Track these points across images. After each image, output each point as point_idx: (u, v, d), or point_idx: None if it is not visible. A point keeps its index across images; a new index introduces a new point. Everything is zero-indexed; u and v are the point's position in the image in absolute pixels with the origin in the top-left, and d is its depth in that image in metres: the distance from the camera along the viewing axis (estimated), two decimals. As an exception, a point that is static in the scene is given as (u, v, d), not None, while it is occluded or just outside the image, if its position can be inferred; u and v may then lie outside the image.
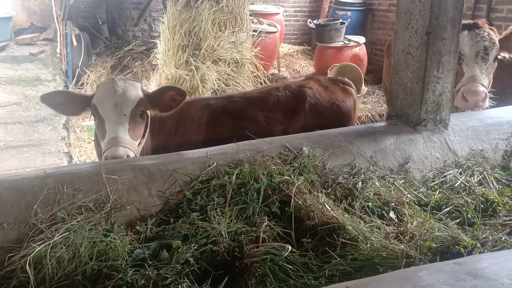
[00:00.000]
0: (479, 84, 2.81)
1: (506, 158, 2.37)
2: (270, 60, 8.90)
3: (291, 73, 9.47)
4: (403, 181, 2.11)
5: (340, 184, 1.97)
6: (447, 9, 2.21)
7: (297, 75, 9.27)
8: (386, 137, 2.30)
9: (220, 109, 2.69)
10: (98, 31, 10.70)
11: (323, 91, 2.81)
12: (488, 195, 1.95)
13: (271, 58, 8.81)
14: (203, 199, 1.74)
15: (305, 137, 2.22)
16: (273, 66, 9.13)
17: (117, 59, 9.24)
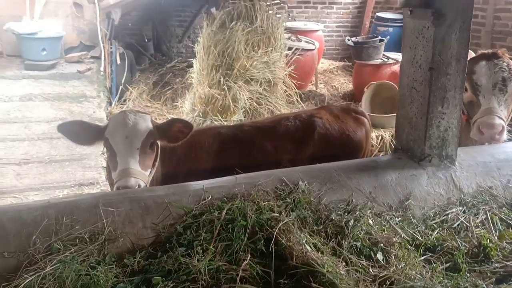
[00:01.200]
0: (496, 116, 2.73)
1: (515, 196, 2.29)
2: (308, 77, 8.93)
3: (329, 90, 9.46)
4: (401, 219, 2.09)
5: (333, 221, 1.98)
6: (451, 45, 2.18)
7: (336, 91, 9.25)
8: (387, 172, 2.28)
9: (230, 137, 2.77)
10: (143, 48, 11.13)
11: (333, 121, 2.83)
12: (482, 239, 1.89)
13: (309, 75, 8.84)
14: (191, 234, 1.81)
15: (303, 171, 2.25)
16: (311, 83, 9.15)
17: (159, 75, 9.58)
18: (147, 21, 11.60)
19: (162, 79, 9.32)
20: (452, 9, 2.14)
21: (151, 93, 8.87)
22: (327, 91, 9.18)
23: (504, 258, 1.83)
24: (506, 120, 2.83)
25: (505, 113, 2.85)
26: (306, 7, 12.15)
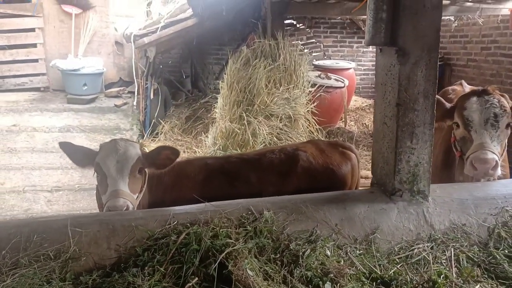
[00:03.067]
0: (489, 151, 2.70)
1: (489, 235, 2.24)
2: (337, 114, 8.99)
3: (359, 127, 9.46)
4: (363, 252, 2.10)
5: (290, 251, 2.03)
6: (417, 82, 2.23)
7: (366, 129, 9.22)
8: (357, 205, 2.31)
9: (216, 168, 2.89)
10: (181, 84, 11.62)
11: (318, 155, 2.88)
12: (433, 275, 1.87)
13: (338, 112, 8.91)
14: (148, 256, 1.92)
15: (272, 201, 2.32)
16: (341, 120, 9.18)
17: (192, 110, 9.92)
18: (187, 59, 12.14)
19: (194, 114, 9.63)
20: (417, 47, 2.19)
21: (183, 127, 9.18)
22: (357, 129, 9.18)
23: (453, 294, 1.80)
24: (499, 155, 2.79)
25: (499, 148, 2.81)
26: (342, 46, 12.32)
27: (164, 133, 8.77)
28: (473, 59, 9.11)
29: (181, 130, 9.08)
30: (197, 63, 12.07)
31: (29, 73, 9.26)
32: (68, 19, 9.09)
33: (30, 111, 8.45)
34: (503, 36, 8.04)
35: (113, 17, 9.25)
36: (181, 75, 12.05)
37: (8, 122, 8.03)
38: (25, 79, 9.30)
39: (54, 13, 9.12)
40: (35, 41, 9.14)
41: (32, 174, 7.00)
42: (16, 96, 8.98)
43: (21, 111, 8.38)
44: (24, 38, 9.07)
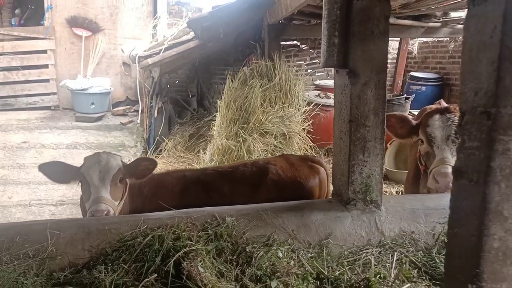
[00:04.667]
0: (449, 166, 2.88)
1: (435, 241, 2.41)
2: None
3: (359, 145, 9.55)
4: (313, 255, 2.29)
5: (246, 253, 2.23)
6: (368, 100, 2.44)
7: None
8: (313, 213, 2.51)
9: (193, 180, 3.11)
10: (187, 103, 11.93)
11: (287, 168, 3.09)
12: (368, 274, 2.06)
13: (337, 130, 9.05)
14: (116, 256, 2.14)
15: (236, 209, 2.53)
16: (340, 138, 9.31)
17: (196, 128, 10.20)
18: (193, 79, 12.49)
19: (198, 132, 9.90)
20: (366, 69, 2.42)
21: (186, 144, 9.44)
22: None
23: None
24: None
25: None
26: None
27: (168, 150, 9.03)
28: (470, 79, 9.24)
29: (184, 147, 9.33)
30: (203, 82, 12.40)
31: (40, 93, 9.67)
32: (78, 41, 9.52)
33: (40, 128, 8.81)
34: (498, 57, 8.18)
35: (121, 40, 9.65)
36: (187, 94, 12.39)
37: (18, 139, 8.40)
38: (37, 98, 9.72)
39: (66, 35, 9.56)
40: (47, 62, 9.57)
41: (38, 189, 7.29)
42: (28, 115, 9.38)
43: (32, 128, 8.74)
44: (36, 59, 9.51)
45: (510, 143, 1.24)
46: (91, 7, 9.47)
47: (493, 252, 1.29)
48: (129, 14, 9.63)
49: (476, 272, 1.30)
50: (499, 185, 1.26)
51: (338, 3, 2.39)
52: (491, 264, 1.29)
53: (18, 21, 10.77)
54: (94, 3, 9.46)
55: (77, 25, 9.44)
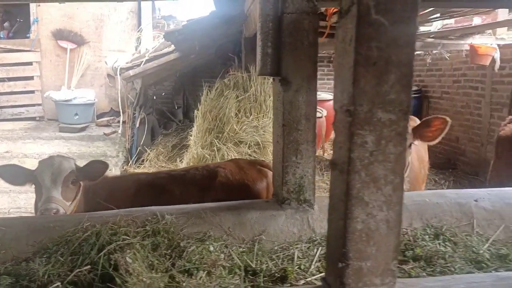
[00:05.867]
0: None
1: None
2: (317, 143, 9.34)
3: (339, 155, 9.76)
4: (244, 250, 2.45)
5: (180, 247, 2.38)
6: (299, 106, 2.62)
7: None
8: (250, 212, 2.67)
9: (146, 183, 3.27)
10: (173, 114, 12.12)
11: (236, 172, 3.26)
12: (287, 265, 2.22)
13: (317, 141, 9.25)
14: (55, 249, 2.29)
15: (178, 208, 2.69)
16: (320, 149, 9.54)
17: (179, 139, 10.37)
18: (179, 91, 12.70)
19: (181, 142, 10.06)
20: (298, 77, 2.60)
21: (169, 154, 9.60)
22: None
23: (298, 281, 2.14)
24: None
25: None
26: (329, 79, 12.79)
27: (149, 160, 9.18)
28: (446, 92, 9.50)
29: (167, 157, 9.47)
30: (189, 94, 12.60)
31: (25, 104, 9.85)
32: (63, 53, 9.73)
33: (24, 139, 8.96)
34: (471, 70, 8.45)
35: (106, 52, 9.87)
36: (174, 106, 12.58)
37: (2, 149, 8.53)
38: (22, 109, 9.89)
39: (51, 48, 9.77)
40: (32, 73, 9.77)
41: (18, 197, 7.41)
42: (13, 125, 9.53)
43: (15, 138, 8.89)
44: (22, 71, 9.71)
45: (367, 136, 1.41)
46: (76, 20, 9.70)
47: (357, 233, 1.46)
48: (114, 27, 9.85)
49: (343, 251, 1.46)
50: (360, 174, 1.43)
51: (270, 16, 2.58)
52: (356, 244, 1.46)
53: (7, 34, 10.98)
54: (80, 17, 9.69)
55: (63, 37, 9.66)
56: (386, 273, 1.49)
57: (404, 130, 1.43)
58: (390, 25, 1.38)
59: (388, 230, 1.47)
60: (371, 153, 1.43)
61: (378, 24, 1.37)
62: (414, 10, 1.39)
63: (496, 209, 2.82)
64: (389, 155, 1.43)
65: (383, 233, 1.47)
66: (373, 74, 1.39)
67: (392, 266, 1.50)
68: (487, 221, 2.77)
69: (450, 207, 2.82)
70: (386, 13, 1.37)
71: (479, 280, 1.60)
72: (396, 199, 1.46)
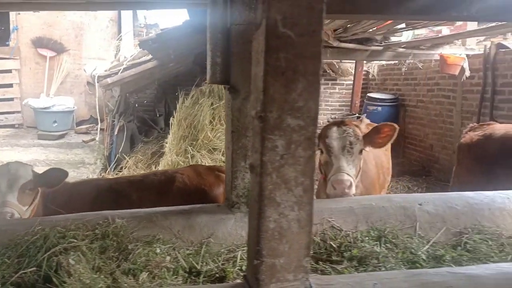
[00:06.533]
0: (345, 174, 3.17)
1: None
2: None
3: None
4: (191, 252, 2.53)
5: (128, 250, 2.46)
6: (247, 113, 2.72)
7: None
8: (200, 216, 2.75)
9: (105, 188, 3.35)
10: (154, 122, 12.17)
11: (194, 177, 3.34)
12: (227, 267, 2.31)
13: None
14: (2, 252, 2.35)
15: (129, 212, 2.76)
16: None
17: (159, 146, 10.40)
18: (161, 99, 12.77)
19: (161, 150, 10.12)
20: (245, 85, 2.69)
21: (148, 162, 9.63)
22: (314, 164, 9.63)
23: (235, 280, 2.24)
24: (354, 177, 3.25)
25: (354, 171, 3.27)
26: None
27: (128, 168, 9.22)
28: (421, 100, 9.70)
29: (146, 164, 9.50)
30: (171, 102, 12.65)
31: (4, 111, 9.85)
32: (43, 61, 9.78)
33: (2, 146, 8.96)
34: (443, 79, 8.65)
35: (85, 60, 9.93)
36: (155, 114, 12.63)
37: (-21, 156, 8.51)
38: (1, 116, 9.90)
39: (31, 56, 9.81)
40: (12, 81, 9.79)
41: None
42: (-9, 132, 9.53)
43: (-7, 146, 8.89)
44: (1, 79, 9.73)
45: (277, 141, 1.51)
46: (56, 29, 9.75)
47: (270, 232, 1.55)
48: (94, 35, 9.93)
49: (257, 249, 1.56)
50: (271, 176, 1.53)
51: (219, 27, 2.69)
52: (269, 242, 1.55)
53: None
54: (60, 25, 9.75)
55: (42, 45, 9.70)
56: (298, 269, 1.59)
57: (312, 135, 1.53)
58: (297, 38, 1.48)
59: (299, 228, 1.57)
60: (282, 157, 1.52)
61: (285, 36, 1.48)
62: (319, 23, 1.50)
63: (439, 213, 2.93)
64: (299, 159, 1.54)
65: (294, 232, 1.57)
66: (282, 83, 1.49)
67: (304, 262, 1.59)
68: (429, 224, 2.88)
69: (395, 210, 2.92)
70: (293, 27, 1.48)
71: (392, 276, 1.70)
72: (307, 199, 1.56)
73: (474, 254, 2.58)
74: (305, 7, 1.47)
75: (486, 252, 2.56)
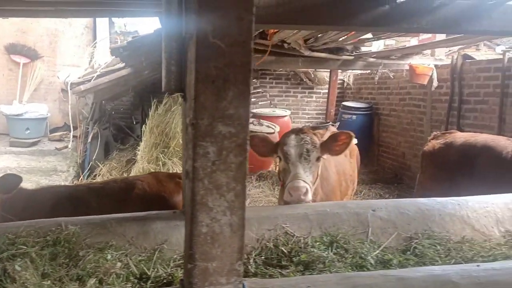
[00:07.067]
0: (301, 180, 3.22)
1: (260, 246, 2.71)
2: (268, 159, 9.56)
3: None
4: (143, 258, 2.55)
5: (78, 256, 2.47)
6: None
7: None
8: (155, 222, 2.77)
9: (65, 195, 3.34)
10: (131, 129, 12.11)
11: (154, 184, 3.37)
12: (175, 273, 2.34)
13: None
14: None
15: (84, 219, 2.77)
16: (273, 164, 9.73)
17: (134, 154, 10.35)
18: (138, 106, 12.72)
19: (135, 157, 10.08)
20: (200, 93, 2.75)
21: (123, 169, 9.58)
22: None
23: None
24: (311, 184, 3.31)
25: (311, 178, 3.33)
26: (287, 96, 13.09)
27: (102, 175, 9.16)
28: (394, 109, 9.87)
29: (120, 172, 9.44)
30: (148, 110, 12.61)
31: (-23, 118, 9.71)
32: (16, 68, 9.68)
33: (-28, 153, 8.82)
34: (414, 88, 8.83)
35: (60, 67, 9.87)
36: (132, 121, 12.59)
37: (-51, 163, 8.37)
38: (-27, 123, 9.75)
39: (4, 62, 9.70)
40: (-16, 88, 9.68)
41: None
42: (-38, 139, 9.38)
43: (-36, 153, 8.75)
44: (-27, 85, 9.61)
45: (209, 147, 1.56)
46: (30, 35, 9.68)
47: (202, 236, 1.59)
48: (69, 42, 9.88)
49: (190, 253, 1.59)
50: (203, 182, 1.57)
51: (173, 36, 2.73)
52: (202, 246, 1.59)
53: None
54: (34, 31, 9.68)
55: (16, 52, 9.61)
56: (231, 273, 1.63)
57: (243, 141, 1.58)
58: (227, 48, 1.54)
59: (231, 233, 1.61)
60: (213, 163, 1.57)
61: (215, 46, 1.53)
62: (249, 34, 1.55)
63: (391, 218, 3.01)
64: (231, 165, 1.58)
65: (227, 236, 1.61)
66: (212, 91, 1.55)
67: (237, 266, 1.63)
68: (381, 229, 2.96)
69: (348, 216, 2.99)
70: (223, 37, 1.53)
71: (326, 279, 1.75)
72: (239, 204, 1.61)
73: (421, 258, 2.66)
74: (235, 18, 1.53)
75: (432, 256, 2.64)
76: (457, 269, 1.88)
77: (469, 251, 2.73)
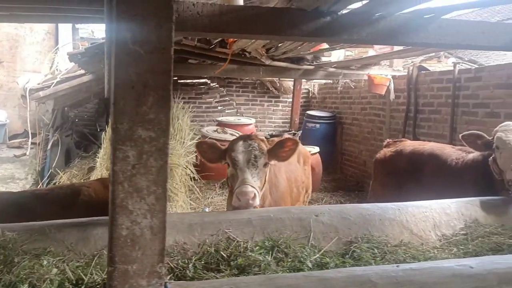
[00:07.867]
0: (249, 185, 3.26)
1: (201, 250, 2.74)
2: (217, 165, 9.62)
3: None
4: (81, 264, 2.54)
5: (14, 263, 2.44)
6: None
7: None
8: (96, 228, 2.76)
9: (9, 202, 3.29)
10: (95, 137, 11.93)
11: (101, 190, 3.35)
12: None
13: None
14: None
15: (22, 225, 2.74)
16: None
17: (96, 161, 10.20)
18: (102, 114, 12.56)
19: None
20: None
21: (85, 177, 9.42)
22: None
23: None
24: (259, 189, 3.36)
25: (258, 183, 3.37)
26: (253, 104, 13.17)
27: (62, 183, 8.98)
28: (356, 118, 10.07)
29: (82, 180, 9.28)
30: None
31: None
32: (-26, 73, 9.46)
33: None
34: (375, 98, 9.05)
35: (20, 73, 9.68)
36: (96, 129, 12.41)
37: None
38: None
39: (-39, 67, 9.47)
40: None
41: None
42: None
43: None
44: None
45: (129, 151, 1.59)
46: (-11, 40, 9.48)
47: (122, 239, 1.61)
48: (30, 48, 9.72)
49: (110, 255, 1.61)
50: (123, 185, 1.60)
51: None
52: (122, 249, 1.62)
53: None
54: (-7, 36, 9.49)
55: (-26, 56, 9.39)
56: (152, 275, 1.65)
57: (164, 146, 1.62)
58: (147, 54, 1.58)
59: (152, 235, 1.64)
60: (133, 166, 1.60)
61: (135, 53, 1.57)
62: (169, 41, 1.60)
63: (333, 223, 3.09)
64: (151, 168, 1.62)
65: (147, 239, 1.64)
66: (132, 96, 1.58)
67: (158, 268, 1.66)
68: (323, 234, 3.03)
69: (291, 221, 3.05)
70: (142, 44, 1.57)
71: (250, 281, 1.80)
72: (160, 207, 1.64)
73: (357, 261, 2.74)
74: (154, 26, 1.57)
75: (368, 259, 2.73)
76: (377, 269, 1.95)
77: (403, 254, 2.83)
